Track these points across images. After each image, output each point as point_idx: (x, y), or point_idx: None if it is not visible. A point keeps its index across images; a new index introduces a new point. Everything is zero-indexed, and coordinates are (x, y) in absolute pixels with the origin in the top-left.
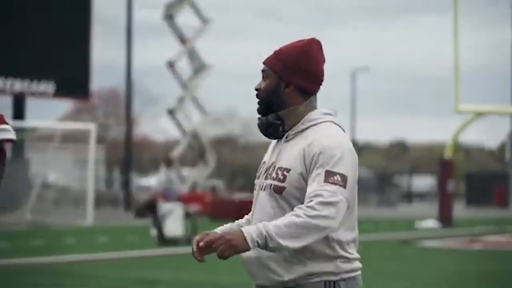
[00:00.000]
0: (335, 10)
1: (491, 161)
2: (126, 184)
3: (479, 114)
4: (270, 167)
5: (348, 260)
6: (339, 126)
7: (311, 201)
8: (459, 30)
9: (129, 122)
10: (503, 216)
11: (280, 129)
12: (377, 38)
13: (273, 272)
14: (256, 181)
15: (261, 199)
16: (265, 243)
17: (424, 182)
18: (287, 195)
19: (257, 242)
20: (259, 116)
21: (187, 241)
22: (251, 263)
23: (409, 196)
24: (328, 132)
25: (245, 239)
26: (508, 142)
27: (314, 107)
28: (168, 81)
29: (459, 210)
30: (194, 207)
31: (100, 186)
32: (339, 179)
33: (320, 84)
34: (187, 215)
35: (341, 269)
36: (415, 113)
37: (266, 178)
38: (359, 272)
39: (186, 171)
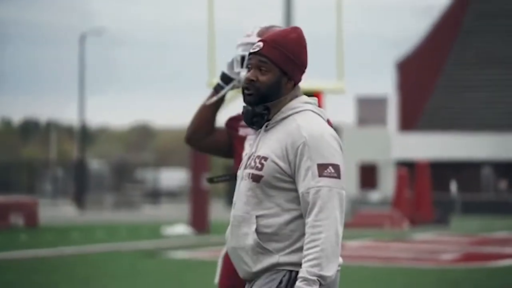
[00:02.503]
0: None
1: None
2: None
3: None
4: (250, 157)
5: None
6: (319, 114)
7: (311, 210)
8: None
9: None
10: None
11: (265, 119)
12: None
13: (245, 264)
14: (238, 173)
15: (240, 189)
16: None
17: (174, 177)
18: (264, 183)
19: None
20: (244, 105)
21: None
22: (232, 256)
23: (155, 195)
24: (308, 121)
25: None
26: None
27: (296, 95)
28: None
29: (218, 212)
30: None
31: None
32: (332, 170)
33: None
34: None
35: None
36: (163, 90)
37: (245, 168)
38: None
39: None
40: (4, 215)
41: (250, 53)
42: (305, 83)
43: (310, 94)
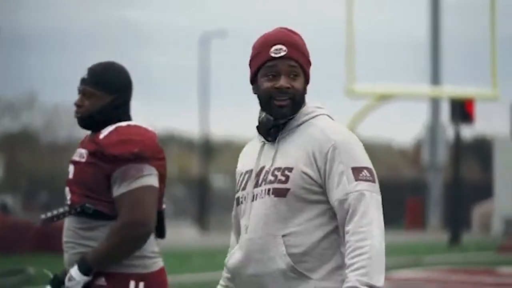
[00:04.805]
0: None
1: (403, 164)
2: None
3: (383, 98)
4: (260, 172)
5: None
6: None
7: (353, 216)
8: None
9: None
10: (419, 242)
11: (280, 129)
12: None
13: None
14: (241, 193)
15: (255, 209)
16: None
17: None
18: (291, 197)
19: None
20: (264, 114)
21: None
22: (250, 285)
23: None
24: (332, 124)
25: None
26: (426, 138)
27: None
28: None
29: None
30: None
31: None
32: (368, 174)
33: None
34: None
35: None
36: None
37: (257, 185)
38: None
39: None
40: None
41: (274, 58)
42: (454, 90)
43: (460, 101)
